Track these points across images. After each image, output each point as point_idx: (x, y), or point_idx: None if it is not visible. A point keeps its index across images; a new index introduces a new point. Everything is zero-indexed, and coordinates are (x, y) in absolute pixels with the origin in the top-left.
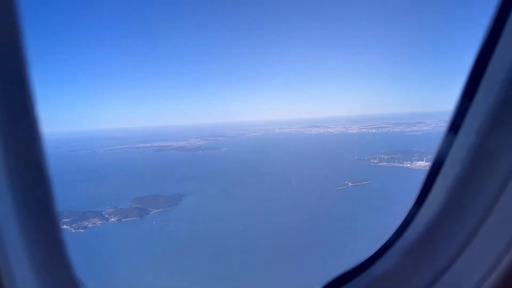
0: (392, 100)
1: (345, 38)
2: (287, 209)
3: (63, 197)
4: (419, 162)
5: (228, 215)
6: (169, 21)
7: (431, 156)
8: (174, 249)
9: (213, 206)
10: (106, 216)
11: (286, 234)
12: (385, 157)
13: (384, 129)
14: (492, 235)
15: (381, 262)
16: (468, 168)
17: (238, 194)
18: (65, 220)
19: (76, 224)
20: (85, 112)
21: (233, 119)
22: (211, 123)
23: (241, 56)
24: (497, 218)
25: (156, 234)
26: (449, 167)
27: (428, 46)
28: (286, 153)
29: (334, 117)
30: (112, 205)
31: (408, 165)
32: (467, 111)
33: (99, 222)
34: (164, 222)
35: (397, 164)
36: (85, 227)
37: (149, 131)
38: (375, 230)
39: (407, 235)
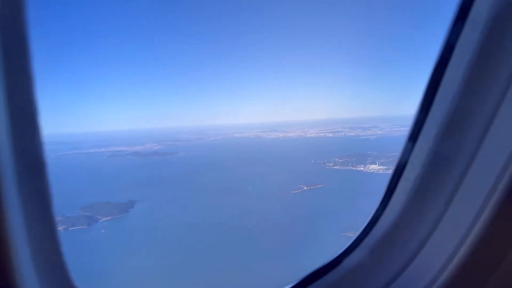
0: (350, 105)
1: (306, 43)
2: (242, 214)
3: None
4: (372, 166)
5: (182, 221)
6: (126, 25)
7: (385, 159)
8: (121, 259)
9: (165, 213)
10: None
11: (239, 238)
12: (340, 160)
13: (340, 133)
14: (448, 230)
15: (350, 258)
16: (426, 170)
17: (193, 200)
18: None
19: None
20: None
21: (193, 123)
22: (169, 127)
23: (200, 59)
24: (453, 215)
25: (104, 243)
26: (410, 170)
27: (385, 54)
28: (244, 158)
29: (294, 122)
30: (59, 214)
31: (362, 168)
32: (425, 119)
33: None
34: (113, 231)
35: (351, 168)
36: None
37: (103, 135)
38: (324, 232)
39: (374, 232)
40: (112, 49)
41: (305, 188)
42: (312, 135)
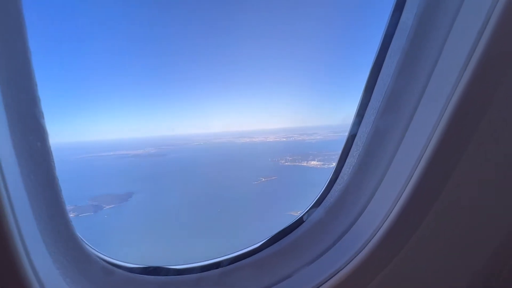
0: (299, 116)
1: (269, 55)
2: (214, 200)
3: None
4: (312, 162)
5: (168, 205)
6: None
7: (322, 157)
8: (121, 237)
9: (156, 200)
10: None
11: (211, 218)
12: (290, 158)
13: (291, 138)
14: (385, 192)
15: (312, 216)
16: (367, 149)
17: (178, 190)
18: None
19: None
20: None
21: (180, 132)
22: (163, 135)
23: (180, 80)
24: (388, 180)
25: (107, 225)
26: (354, 149)
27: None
28: (219, 158)
29: (258, 130)
30: (72, 204)
31: (305, 164)
32: (367, 105)
33: None
34: (114, 216)
35: (297, 164)
36: None
37: (112, 142)
38: (274, 211)
39: (329, 196)
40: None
41: (263, 179)
42: (271, 140)
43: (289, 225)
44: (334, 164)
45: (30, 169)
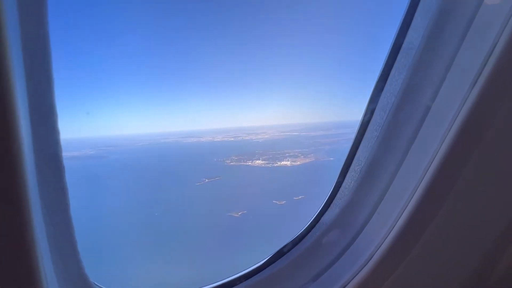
0: (247, 115)
1: (217, 54)
2: (152, 203)
3: None
4: (257, 161)
5: (103, 213)
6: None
7: (267, 156)
8: None
9: (91, 207)
10: None
11: (148, 222)
12: (235, 158)
13: (239, 138)
14: (385, 212)
15: (311, 234)
16: (370, 164)
17: (116, 195)
18: None
19: None
20: None
21: (125, 132)
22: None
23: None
24: (387, 201)
25: None
26: (356, 164)
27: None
28: (162, 159)
29: (205, 129)
30: None
31: (250, 163)
32: (367, 126)
33: None
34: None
35: (242, 163)
36: None
37: None
38: (215, 212)
39: (327, 213)
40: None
41: (206, 180)
42: (219, 140)
43: (291, 241)
44: (278, 163)
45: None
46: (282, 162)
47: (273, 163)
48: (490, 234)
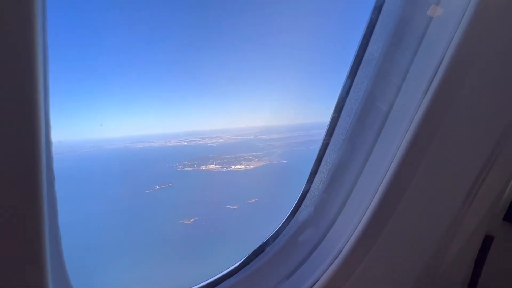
0: (201, 119)
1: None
2: (97, 214)
3: None
4: (211, 165)
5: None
6: None
7: (221, 160)
8: None
9: None
10: None
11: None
12: (188, 163)
13: (193, 142)
14: (351, 211)
15: (281, 236)
16: (337, 166)
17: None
18: None
19: None
20: None
21: (63, 138)
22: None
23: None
24: (355, 196)
25: None
26: (324, 165)
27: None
28: (109, 166)
29: (157, 134)
30: None
31: (203, 168)
32: (333, 130)
33: None
34: None
35: (195, 168)
36: None
37: None
38: (167, 220)
39: (297, 215)
40: None
41: (157, 187)
42: (171, 144)
43: (264, 242)
44: (232, 167)
45: None
46: (236, 166)
47: (227, 167)
48: (438, 229)
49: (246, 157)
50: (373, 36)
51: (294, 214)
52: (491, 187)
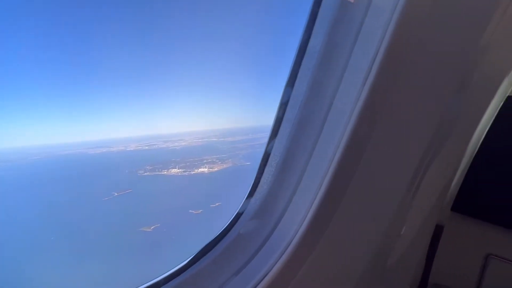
0: (165, 123)
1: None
2: (50, 224)
3: None
4: (173, 170)
5: None
6: None
7: (184, 164)
8: None
9: None
10: None
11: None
12: (149, 168)
13: (155, 146)
14: (300, 199)
15: (234, 228)
16: (284, 159)
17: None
18: None
19: None
20: None
21: (12, 144)
22: None
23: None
24: (303, 187)
25: None
26: (272, 159)
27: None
28: (63, 173)
29: (118, 138)
30: None
31: (165, 172)
32: (281, 121)
33: None
34: None
35: (156, 173)
36: None
37: None
38: (126, 229)
39: (250, 205)
40: None
41: (116, 194)
42: (132, 149)
43: (215, 237)
44: (195, 171)
45: None
46: (200, 169)
47: (190, 171)
48: (384, 221)
49: (209, 160)
50: (314, 30)
51: (244, 209)
52: (436, 180)
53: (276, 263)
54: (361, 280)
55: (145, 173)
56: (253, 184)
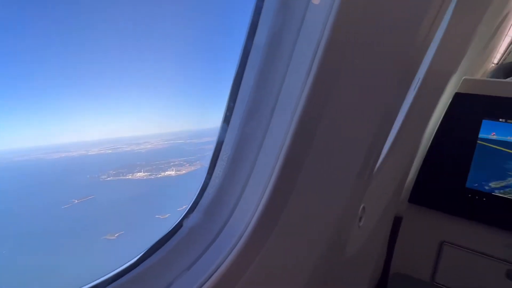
0: (127, 125)
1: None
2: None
3: None
4: (139, 173)
5: None
6: None
7: (150, 167)
8: None
9: None
10: None
11: None
12: (113, 172)
13: (118, 149)
14: (252, 190)
15: (188, 220)
16: (234, 152)
17: None
18: None
19: None
20: None
21: None
22: None
23: None
24: (254, 180)
25: None
26: (223, 153)
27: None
28: (16, 181)
29: (79, 142)
30: None
31: (130, 176)
32: (230, 120)
33: None
34: None
35: (121, 177)
36: None
37: None
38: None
39: (202, 200)
40: None
41: (76, 201)
42: (94, 153)
43: (167, 233)
44: (162, 174)
45: None
46: (167, 172)
47: (156, 174)
48: (337, 213)
49: (177, 163)
50: (260, 23)
51: (197, 203)
52: (392, 174)
53: (228, 255)
54: (316, 270)
55: (108, 178)
56: (205, 177)
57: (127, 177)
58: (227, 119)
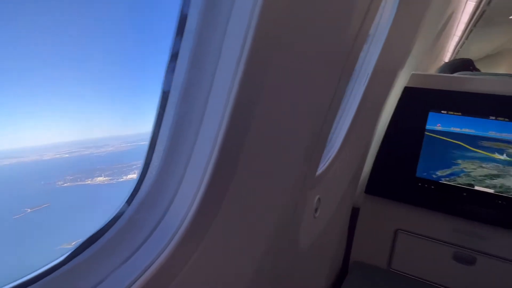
0: (85, 128)
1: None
2: None
3: None
4: (99, 178)
5: None
6: None
7: (111, 171)
8: None
9: None
10: None
11: None
12: (70, 178)
13: (75, 153)
14: (188, 186)
15: (123, 217)
16: (170, 144)
17: None
18: None
19: None
20: None
21: None
22: None
23: None
24: (189, 174)
25: None
26: (159, 144)
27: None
28: None
29: (31, 146)
30: None
31: (89, 181)
32: (165, 108)
33: None
34: None
35: (79, 183)
36: None
37: None
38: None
39: (138, 194)
40: None
41: (29, 210)
42: (49, 158)
43: (102, 227)
44: (124, 178)
45: None
46: (129, 176)
47: (118, 178)
48: (280, 203)
49: (140, 165)
50: (190, 11)
51: (135, 195)
52: (347, 167)
53: (168, 245)
54: (265, 265)
55: (65, 184)
56: (143, 169)
57: (86, 182)
58: (163, 106)
